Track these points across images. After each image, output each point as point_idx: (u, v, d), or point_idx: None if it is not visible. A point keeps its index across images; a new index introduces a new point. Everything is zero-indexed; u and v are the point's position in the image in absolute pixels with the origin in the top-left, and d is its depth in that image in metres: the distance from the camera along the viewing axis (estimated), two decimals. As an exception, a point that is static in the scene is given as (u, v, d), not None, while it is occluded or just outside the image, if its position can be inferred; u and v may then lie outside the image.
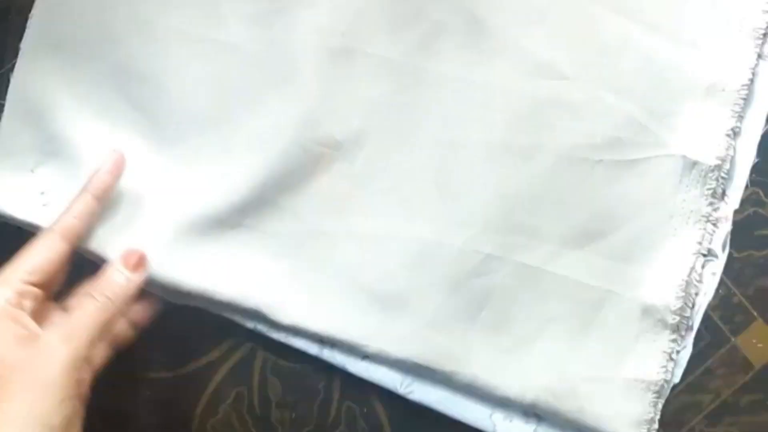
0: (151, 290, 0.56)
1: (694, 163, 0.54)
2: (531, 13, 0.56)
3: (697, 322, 0.55)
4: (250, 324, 0.57)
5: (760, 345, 0.55)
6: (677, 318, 0.54)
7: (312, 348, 0.57)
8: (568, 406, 0.54)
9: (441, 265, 0.56)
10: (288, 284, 0.57)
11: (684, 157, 0.54)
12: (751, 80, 0.55)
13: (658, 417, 0.55)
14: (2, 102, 0.58)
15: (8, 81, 0.59)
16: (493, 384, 0.55)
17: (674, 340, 0.55)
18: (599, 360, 0.55)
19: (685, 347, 0.55)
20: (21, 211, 0.57)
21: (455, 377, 0.55)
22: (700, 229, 0.55)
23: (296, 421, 0.58)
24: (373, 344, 0.56)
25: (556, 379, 0.55)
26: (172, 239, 0.56)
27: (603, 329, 0.55)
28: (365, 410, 0.58)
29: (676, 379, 0.55)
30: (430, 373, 0.55)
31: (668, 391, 0.55)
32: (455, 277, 0.56)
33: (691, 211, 0.55)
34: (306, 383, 0.58)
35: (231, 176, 0.56)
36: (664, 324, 0.54)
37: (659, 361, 0.54)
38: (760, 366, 0.55)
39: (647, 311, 0.54)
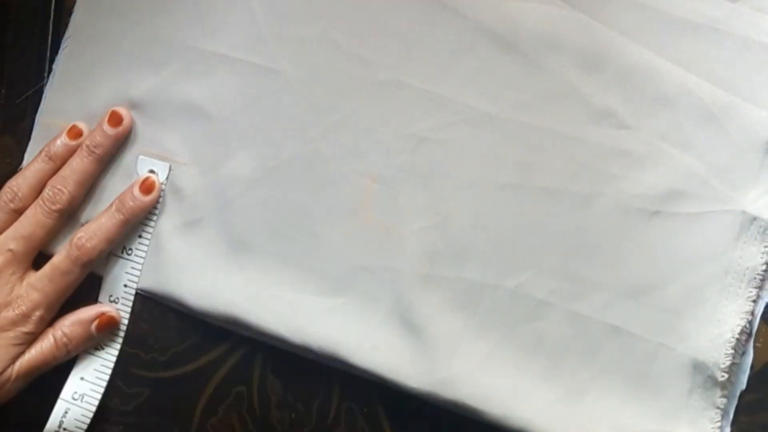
0: (178, 307, 0.58)
1: (754, 219, 0.54)
2: (589, 59, 0.56)
3: (743, 381, 0.55)
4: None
5: (759, 345, 0.55)
6: (726, 375, 0.54)
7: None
8: None
9: (491, 308, 0.55)
10: (334, 321, 0.57)
11: (743, 212, 0.54)
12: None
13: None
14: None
15: (8, 80, 0.59)
16: None
17: (725, 396, 0.54)
18: (652, 414, 0.54)
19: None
20: None
21: (506, 422, 0.55)
22: (755, 287, 0.54)
23: (296, 421, 0.58)
24: (423, 385, 0.55)
25: None
26: (212, 265, 0.57)
27: (656, 383, 0.54)
28: (365, 410, 0.58)
29: None
30: (480, 415, 0.55)
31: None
32: (506, 322, 0.55)
33: (747, 269, 0.54)
34: (306, 383, 0.58)
35: (271, 202, 0.57)
36: (714, 381, 0.54)
37: (712, 416, 0.54)
38: (760, 366, 0.55)
39: (698, 367, 0.54)
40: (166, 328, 0.59)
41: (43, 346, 0.56)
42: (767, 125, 0.54)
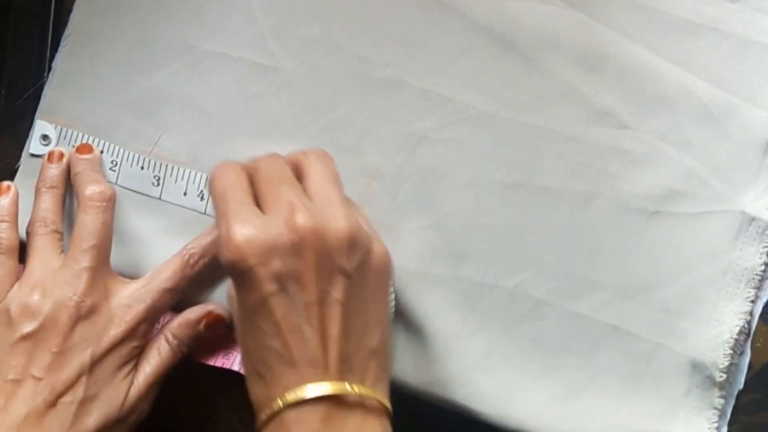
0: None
1: (753, 219, 0.54)
2: (588, 58, 0.56)
3: (741, 381, 0.55)
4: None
5: (759, 345, 0.55)
6: (724, 376, 0.54)
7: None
8: None
9: (490, 307, 0.56)
10: None
11: (743, 212, 0.54)
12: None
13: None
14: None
15: (8, 80, 0.59)
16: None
17: (723, 397, 0.54)
18: (650, 414, 0.54)
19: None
20: None
21: (502, 421, 0.55)
22: (754, 287, 0.54)
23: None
24: (419, 384, 0.56)
25: (606, 431, 0.55)
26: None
27: (654, 382, 0.55)
28: (365, 410, 0.58)
29: None
30: (477, 415, 0.55)
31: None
32: (504, 321, 0.56)
33: (746, 269, 0.54)
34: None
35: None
36: (713, 381, 0.54)
37: (710, 417, 0.54)
38: (760, 366, 0.55)
39: (696, 367, 0.54)
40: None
41: (162, 353, 0.55)
42: (767, 125, 0.54)
